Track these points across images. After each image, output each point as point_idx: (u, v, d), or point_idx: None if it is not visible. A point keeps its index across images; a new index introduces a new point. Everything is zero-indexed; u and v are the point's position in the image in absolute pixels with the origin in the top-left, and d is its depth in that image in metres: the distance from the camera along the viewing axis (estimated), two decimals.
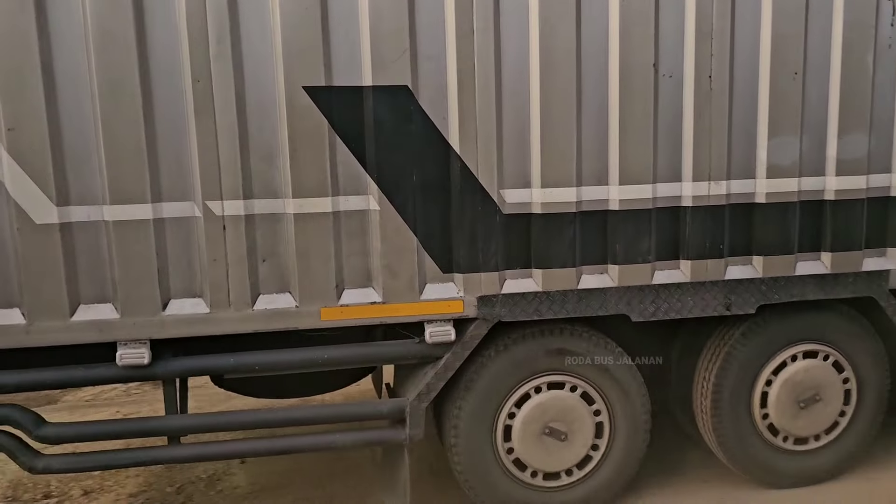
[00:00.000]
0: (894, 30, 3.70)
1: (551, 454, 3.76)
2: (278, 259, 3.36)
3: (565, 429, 3.74)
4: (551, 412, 3.72)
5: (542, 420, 3.72)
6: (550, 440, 3.73)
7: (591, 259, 3.61)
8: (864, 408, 4.09)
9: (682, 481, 4.29)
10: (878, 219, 3.85)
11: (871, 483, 4.20)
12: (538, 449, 3.74)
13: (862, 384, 4.06)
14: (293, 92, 3.22)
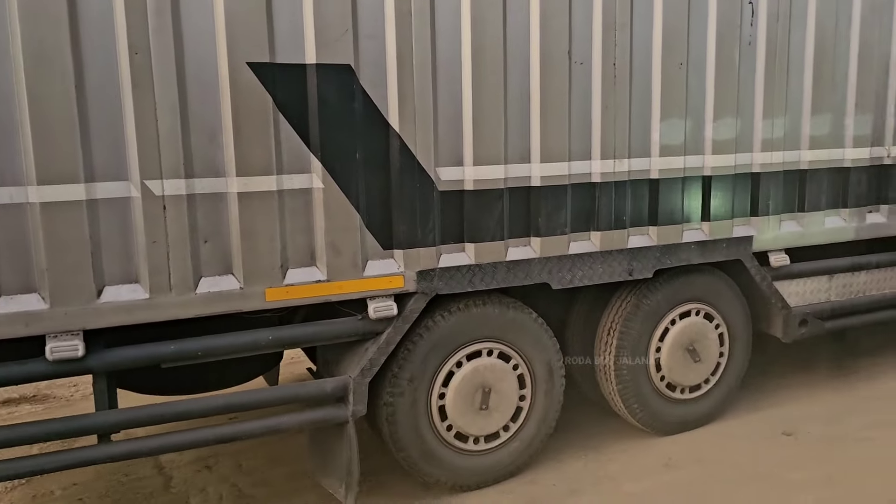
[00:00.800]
0: (753, 29, 4.32)
1: (485, 418, 3.98)
2: (221, 240, 3.27)
3: (496, 395, 3.97)
4: (482, 379, 3.94)
5: (474, 386, 3.92)
6: (480, 405, 3.95)
7: (517, 232, 3.87)
8: (735, 353, 4.74)
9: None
10: (744, 191, 4.47)
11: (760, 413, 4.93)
12: (473, 415, 3.94)
13: (732, 335, 4.70)
14: (237, 68, 3.16)
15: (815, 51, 4.52)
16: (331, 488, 3.80)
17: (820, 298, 4.94)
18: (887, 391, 5.27)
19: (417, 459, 3.86)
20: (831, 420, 4.74)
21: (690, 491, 3.93)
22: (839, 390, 5.30)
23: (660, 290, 4.37)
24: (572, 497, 3.90)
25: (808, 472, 4.06)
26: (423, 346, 3.76)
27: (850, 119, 4.72)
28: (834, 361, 5.85)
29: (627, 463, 4.28)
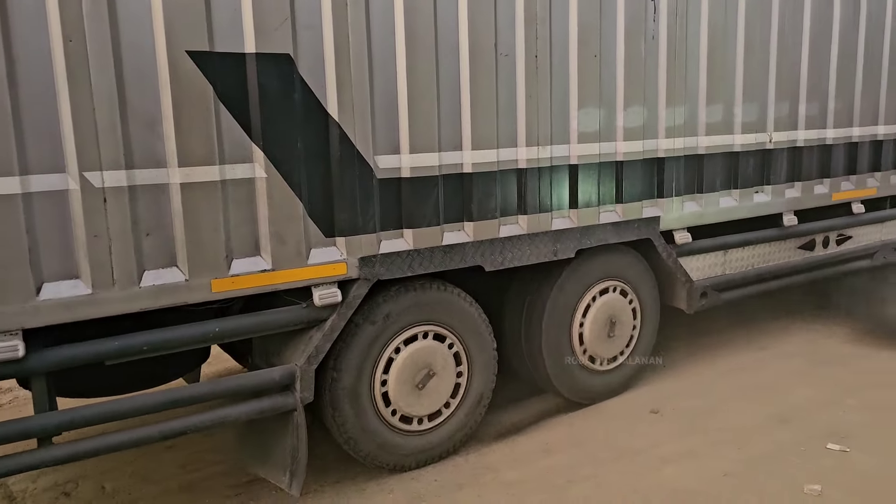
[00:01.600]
0: (655, 25, 4.67)
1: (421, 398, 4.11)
2: (164, 232, 3.21)
3: (434, 372, 4.11)
4: (420, 361, 4.06)
5: (416, 369, 4.04)
6: (420, 386, 4.08)
7: (452, 218, 4.02)
8: (646, 326, 5.12)
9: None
10: (651, 175, 4.83)
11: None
12: (411, 395, 4.06)
13: (644, 307, 5.07)
14: (176, 56, 3.11)
15: (709, 46, 4.94)
16: (272, 478, 3.81)
17: (716, 272, 5.41)
18: (743, 363, 5.63)
19: (362, 443, 3.94)
20: (693, 395, 5.02)
21: (568, 473, 4.02)
22: (699, 366, 5.60)
23: (581, 269, 4.66)
24: (454, 491, 3.91)
25: (673, 446, 4.28)
26: (365, 332, 3.85)
27: (738, 108, 5.19)
28: (692, 339, 6.24)
29: (507, 452, 4.35)
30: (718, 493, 3.75)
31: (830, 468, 3.95)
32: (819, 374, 5.36)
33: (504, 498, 3.79)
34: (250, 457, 3.97)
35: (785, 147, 5.54)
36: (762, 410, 4.72)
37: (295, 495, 3.67)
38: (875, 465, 3.94)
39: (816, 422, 4.52)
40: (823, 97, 5.73)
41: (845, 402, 4.80)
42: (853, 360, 5.63)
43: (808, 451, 4.15)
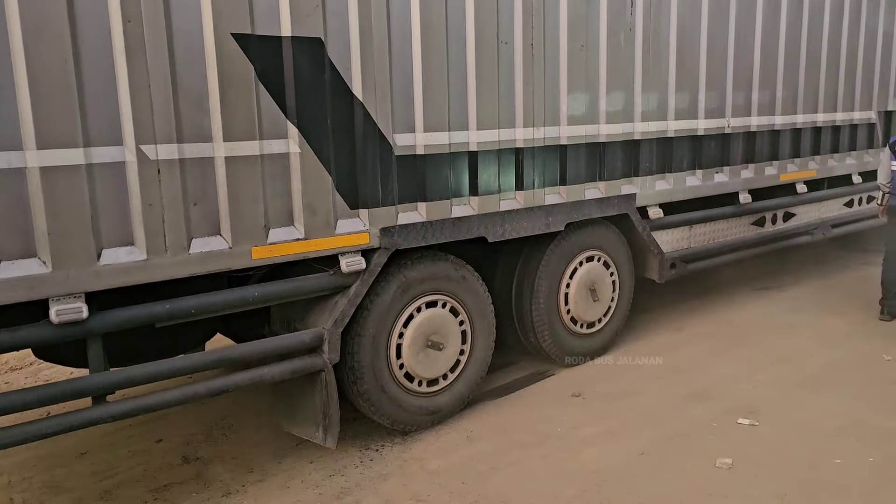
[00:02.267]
0: (633, 18, 5.12)
1: (432, 361, 4.44)
2: (209, 202, 3.44)
3: (441, 340, 4.44)
4: (431, 327, 4.39)
5: (427, 334, 4.37)
6: (431, 350, 4.41)
7: (459, 192, 4.36)
8: (623, 294, 5.58)
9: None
10: (628, 156, 5.28)
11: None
12: (422, 358, 4.38)
13: (622, 277, 5.53)
14: (222, 38, 3.34)
15: (678, 38, 5.43)
16: (306, 435, 4.08)
17: (683, 245, 5.93)
18: (660, 345, 5.82)
19: (379, 402, 4.24)
20: (613, 378, 5.19)
21: (491, 460, 4.09)
22: (620, 347, 5.74)
23: (568, 241, 5.07)
24: (379, 482, 3.93)
25: (593, 428, 4.41)
26: (384, 298, 4.15)
27: (702, 94, 5.70)
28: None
29: (432, 441, 4.37)
30: (636, 471, 3.89)
31: (741, 442, 4.15)
32: (731, 353, 5.59)
33: (429, 487, 3.84)
34: (283, 417, 4.22)
35: (741, 132, 6.10)
36: (678, 390, 4.91)
37: (331, 447, 3.95)
38: (781, 437, 4.18)
39: (728, 399, 4.74)
40: (772, 87, 6.32)
41: (755, 378, 5.06)
42: (762, 338, 5.89)
43: (720, 426, 4.36)
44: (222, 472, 4.11)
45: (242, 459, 4.25)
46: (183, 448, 4.42)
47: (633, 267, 5.65)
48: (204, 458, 4.29)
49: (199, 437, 4.56)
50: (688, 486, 3.71)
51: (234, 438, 4.52)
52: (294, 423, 4.15)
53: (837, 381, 4.97)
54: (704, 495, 3.61)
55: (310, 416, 4.04)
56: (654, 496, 3.63)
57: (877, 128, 7.62)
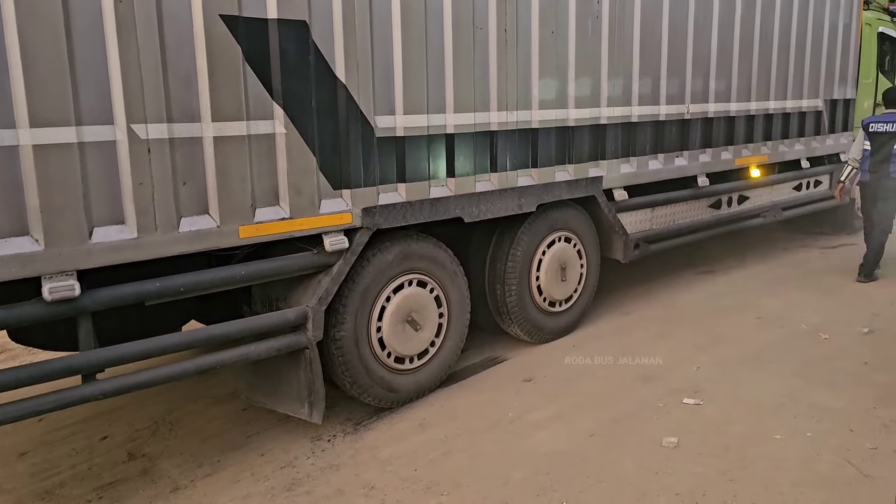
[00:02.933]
0: (599, 6, 5.30)
1: (410, 338, 4.57)
2: (198, 181, 3.49)
3: (419, 319, 4.58)
4: (410, 306, 4.52)
5: (406, 312, 4.50)
6: (410, 327, 4.54)
7: (437, 174, 4.49)
8: (590, 274, 5.80)
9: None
10: (596, 139, 5.48)
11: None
12: (401, 334, 4.51)
13: (589, 257, 5.75)
14: (210, 19, 3.39)
15: (641, 27, 5.64)
16: (290, 411, 4.16)
17: (646, 227, 6.18)
18: (609, 328, 5.98)
19: (360, 378, 4.35)
20: (561, 363, 5.26)
21: (443, 446, 4.12)
22: (565, 336, 5.77)
23: (539, 221, 5.25)
24: (331, 472, 3.91)
25: (544, 411, 4.48)
26: (365, 276, 4.26)
27: (663, 81, 5.94)
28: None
29: (384, 429, 4.39)
30: (585, 453, 3.96)
31: (686, 421, 4.26)
32: (676, 335, 5.74)
33: (381, 475, 3.86)
34: (264, 397, 4.30)
35: (699, 118, 6.37)
36: (626, 372, 5.03)
37: (317, 422, 4.05)
38: (724, 415, 4.31)
39: (674, 379, 4.86)
40: (728, 75, 6.60)
41: (699, 359, 5.20)
42: (706, 320, 6.07)
43: (666, 406, 4.46)
44: (170, 468, 4.06)
45: (191, 454, 4.21)
46: (128, 444, 4.35)
47: (599, 247, 5.86)
48: (150, 453, 4.23)
49: (145, 432, 4.50)
50: (635, 465, 3.82)
51: (181, 433, 4.46)
52: (277, 401, 4.23)
53: (776, 359, 5.18)
54: (651, 474, 3.72)
55: (293, 393, 4.12)
56: (603, 476, 3.73)
57: (823, 115, 8.01)
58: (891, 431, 4.08)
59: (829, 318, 6.05)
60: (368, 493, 3.68)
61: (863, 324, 5.83)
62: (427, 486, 3.73)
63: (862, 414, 4.29)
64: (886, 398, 4.48)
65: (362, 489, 3.73)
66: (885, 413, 4.29)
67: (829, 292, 6.82)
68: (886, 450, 3.87)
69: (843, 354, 5.22)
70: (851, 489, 3.53)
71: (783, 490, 3.54)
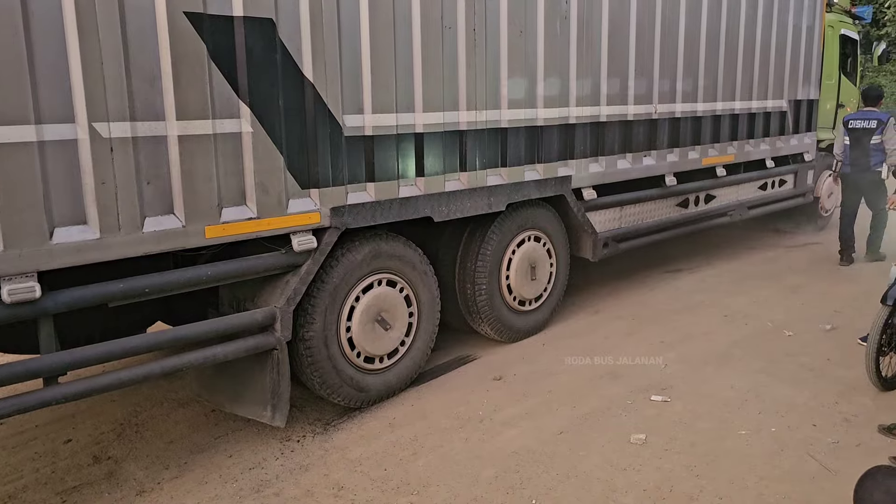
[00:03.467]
0: (568, 6, 5.33)
1: (380, 337, 4.56)
2: (162, 181, 3.44)
3: (389, 318, 4.57)
4: (380, 304, 4.51)
5: (375, 311, 4.48)
6: (379, 327, 4.52)
7: (406, 173, 4.48)
8: (560, 272, 5.83)
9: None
10: (564, 139, 5.51)
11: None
12: (371, 334, 4.49)
13: (559, 256, 5.78)
14: (175, 16, 3.35)
15: (609, 28, 5.68)
16: (252, 415, 4.12)
17: (615, 225, 6.23)
18: (579, 327, 6.02)
19: (331, 380, 4.32)
20: (533, 360, 5.32)
21: (413, 446, 4.12)
22: (539, 333, 5.83)
23: (508, 221, 5.27)
24: (300, 473, 3.90)
25: (513, 409, 4.51)
26: (334, 276, 4.23)
27: (631, 81, 5.99)
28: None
29: (354, 429, 4.36)
30: (554, 450, 3.99)
31: (653, 418, 4.32)
32: (644, 333, 5.82)
33: (350, 475, 3.84)
34: (226, 399, 4.25)
35: (666, 118, 6.44)
36: (595, 370, 5.08)
37: (280, 426, 4.01)
38: (690, 412, 4.38)
39: (642, 377, 4.92)
40: (695, 75, 6.68)
41: (666, 356, 5.26)
42: (673, 318, 6.15)
43: (634, 403, 4.53)
44: (136, 471, 3.99)
45: (157, 456, 4.15)
46: (93, 448, 4.27)
47: (569, 246, 5.90)
48: (116, 456, 4.16)
49: (110, 435, 4.42)
50: (604, 461, 3.86)
51: (147, 435, 4.39)
52: (240, 405, 4.19)
53: (742, 356, 5.26)
54: (619, 470, 3.77)
55: (257, 395, 4.09)
56: (572, 473, 3.76)
57: (787, 116, 8.15)
58: (852, 426, 4.17)
59: (793, 315, 6.16)
60: (338, 494, 3.66)
61: (825, 321, 5.94)
62: (397, 485, 3.73)
63: (824, 409, 4.39)
64: (848, 393, 4.58)
65: (331, 490, 3.71)
66: (846, 408, 4.39)
67: (793, 290, 6.94)
68: (848, 444, 3.96)
69: (807, 351, 5.31)
70: (815, 482, 3.60)
71: (748, 484, 3.60)
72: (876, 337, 4.41)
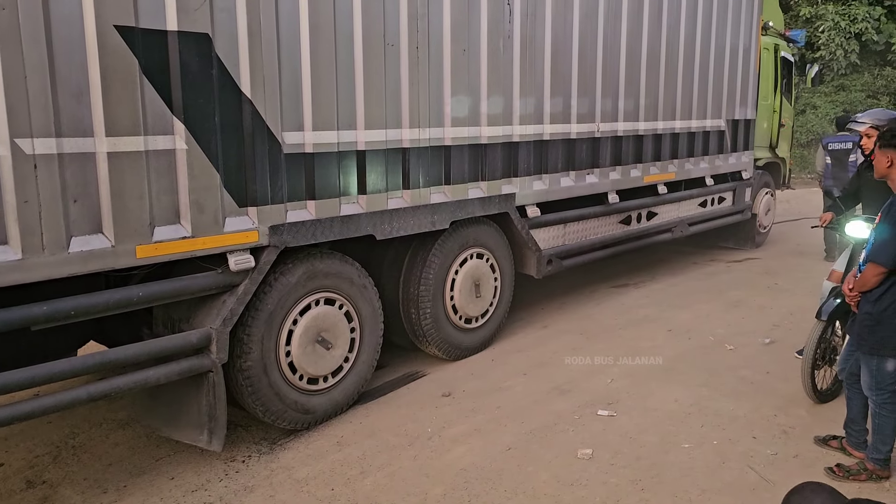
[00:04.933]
0: (511, 26, 5.37)
1: (322, 358, 4.47)
2: (90, 199, 3.32)
3: (330, 337, 4.49)
4: (320, 324, 4.42)
5: (315, 331, 4.40)
6: (321, 347, 4.44)
7: (348, 191, 4.42)
8: (505, 289, 5.84)
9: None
10: (508, 157, 5.54)
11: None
12: (312, 355, 4.40)
13: (503, 274, 5.79)
14: (104, 30, 3.24)
15: (552, 47, 5.75)
16: (188, 439, 3.99)
17: (559, 243, 6.28)
18: (527, 342, 6.06)
19: (270, 401, 4.22)
20: (481, 376, 5.32)
21: (361, 464, 4.07)
22: (488, 349, 5.87)
23: (452, 238, 5.25)
24: (245, 494, 3.81)
25: (462, 426, 4.49)
26: (273, 296, 4.14)
27: (574, 100, 6.06)
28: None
29: (301, 449, 4.30)
30: (503, 466, 4.00)
31: (600, 432, 4.35)
32: (591, 347, 5.86)
33: (296, 496, 3.78)
34: (162, 423, 4.11)
35: (609, 136, 6.53)
36: (542, 385, 5.09)
37: (217, 450, 3.89)
38: (636, 426, 4.42)
39: (588, 392, 4.95)
40: (636, 95, 6.81)
41: (612, 371, 5.33)
42: (619, 333, 6.23)
43: (581, 418, 4.55)
44: (72, 495, 3.85)
45: (95, 480, 4.01)
46: (26, 472, 4.11)
47: (513, 263, 5.92)
48: (51, 480, 4.00)
49: (46, 458, 4.24)
50: (551, 477, 3.87)
51: (85, 458, 4.24)
52: (175, 428, 4.05)
53: (685, 370, 5.34)
54: (566, 485, 3.77)
55: (194, 419, 3.96)
56: (520, 489, 3.76)
57: (726, 135, 8.37)
58: (790, 438, 4.27)
59: (734, 329, 6.29)
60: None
61: (764, 335, 6.08)
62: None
63: (764, 421, 4.48)
64: (786, 406, 4.69)
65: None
66: (784, 420, 4.50)
67: (734, 305, 7.09)
68: (786, 455, 4.06)
69: (747, 364, 5.44)
70: (755, 494, 3.68)
71: (691, 497, 3.65)
72: (811, 352, 4.52)
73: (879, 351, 3.64)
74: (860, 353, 3.77)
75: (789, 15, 21.07)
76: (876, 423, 3.76)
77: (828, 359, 4.66)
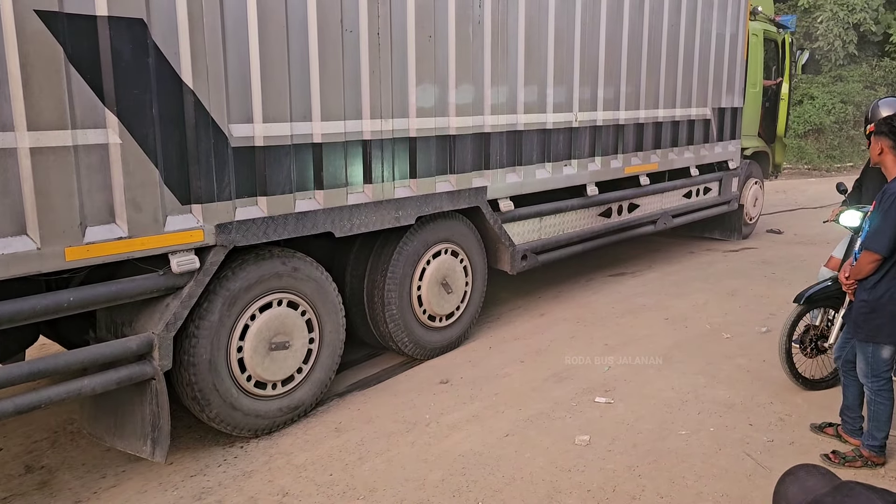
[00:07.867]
0: (481, 11, 5.11)
1: (277, 361, 4.25)
2: (11, 198, 3.08)
3: (286, 339, 4.26)
4: (274, 328, 4.20)
5: (270, 335, 4.17)
6: (277, 352, 4.22)
7: (303, 186, 4.18)
8: (477, 284, 5.62)
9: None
10: (478, 149, 5.30)
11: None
12: (267, 360, 4.18)
13: (474, 270, 5.57)
14: (23, 14, 2.99)
15: (526, 33, 5.49)
16: (131, 449, 3.78)
17: (534, 237, 6.05)
18: (524, 330, 5.99)
19: (220, 410, 4.00)
20: (479, 364, 5.27)
21: (359, 450, 4.05)
22: (485, 337, 5.84)
23: (419, 234, 5.02)
24: (244, 480, 3.79)
25: (460, 413, 4.47)
26: (221, 298, 3.91)
27: (550, 89, 5.82)
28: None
29: (300, 435, 4.28)
30: (500, 452, 3.97)
31: (597, 419, 4.33)
32: (588, 335, 5.81)
33: (295, 481, 3.76)
34: (104, 432, 3.89)
35: (588, 126, 6.29)
36: (540, 372, 5.05)
37: (161, 461, 3.68)
38: (633, 413, 4.40)
39: (586, 379, 4.92)
40: (616, 83, 6.56)
41: (610, 358, 5.28)
42: (616, 321, 6.18)
43: (578, 405, 4.53)
44: (71, 480, 3.81)
45: (93, 465, 3.98)
46: (25, 457, 4.07)
47: (485, 259, 5.70)
48: (50, 465, 3.97)
49: (44, 444, 4.22)
50: (548, 463, 3.85)
51: (83, 443, 4.19)
52: (119, 438, 3.83)
53: (682, 358, 5.29)
54: (564, 471, 3.76)
55: (137, 428, 3.74)
56: (517, 475, 3.73)
57: (712, 123, 8.13)
58: (786, 425, 4.25)
59: (730, 318, 6.24)
60: (282, 501, 3.57)
61: (761, 323, 6.03)
62: (342, 490, 3.65)
63: (760, 409, 4.47)
64: (782, 393, 4.66)
65: (276, 496, 3.62)
66: (780, 408, 4.47)
67: (731, 294, 7.00)
68: (782, 442, 4.04)
69: (744, 353, 5.40)
70: (751, 480, 3.65)
71: (688, 483, 3.64)
72: (784, 334, 4.52)
73: (875, 338, 3.64)
74: (856, 340, 3.76)
75: (787, 4, 20.80)
76: (871, 410, 3.77)
77: (814, 345, 4.61)
